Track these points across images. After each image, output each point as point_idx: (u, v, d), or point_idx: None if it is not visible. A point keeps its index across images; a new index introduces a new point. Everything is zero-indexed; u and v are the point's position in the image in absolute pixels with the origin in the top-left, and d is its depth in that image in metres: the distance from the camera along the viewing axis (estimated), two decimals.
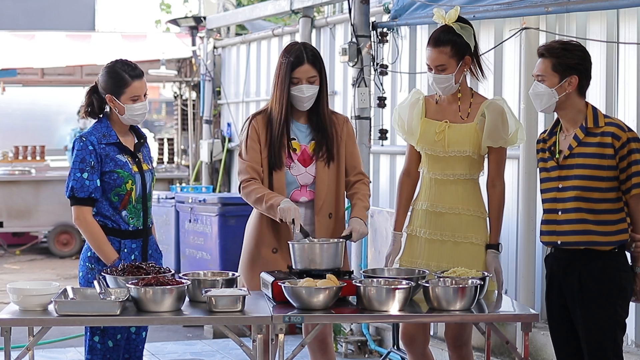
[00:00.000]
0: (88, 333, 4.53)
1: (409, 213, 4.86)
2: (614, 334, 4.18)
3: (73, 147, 4.57)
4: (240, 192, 4.72)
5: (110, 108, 4.60)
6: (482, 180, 4.78)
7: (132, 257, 4.56)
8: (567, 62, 4.20)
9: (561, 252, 4.30)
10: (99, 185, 4.49)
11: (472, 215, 4.68)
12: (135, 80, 4.54)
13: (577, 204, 4.21)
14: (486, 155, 4.73)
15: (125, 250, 4.55)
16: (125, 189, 4.53)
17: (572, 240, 4.23)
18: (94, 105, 4.61)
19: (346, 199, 4.88)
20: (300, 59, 4.65)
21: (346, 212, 4.93)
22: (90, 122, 4.78)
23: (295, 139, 4.74)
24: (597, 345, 4.16)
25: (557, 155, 4.29)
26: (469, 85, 4.78)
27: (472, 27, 4.69)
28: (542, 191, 4.39)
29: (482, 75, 4.75)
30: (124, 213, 4.55)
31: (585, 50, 4.30)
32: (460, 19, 4.66)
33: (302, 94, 4.66)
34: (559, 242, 4.28)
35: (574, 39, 5.07)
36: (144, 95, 4.58)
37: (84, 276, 4.55)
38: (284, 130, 4.69)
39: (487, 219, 4.74)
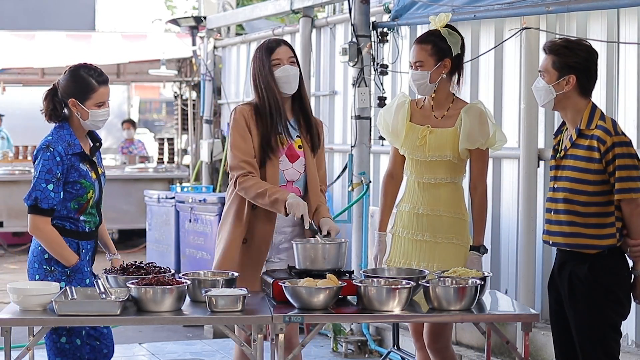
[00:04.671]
0: (54, 336, 4.43)
1: (393, 214, 4.90)
2: (603, 336, 4.12)
3: (37, 156, 4.44)
4: (236, 186, 4.64)
5: (70, 112, 4.52)
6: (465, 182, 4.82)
7: (87, 258, 4.54)
8: (566, 61, 4.16)
9: (557, 251, 4.30)
10: (61, 197, 4.44)
11: (454, 217, 4.73)
12: (102, 86, 4.48)
13: (565, 205, 4.17)
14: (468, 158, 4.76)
15: (83, 251, 4.52)
16: (86, 198, 4.49)
17: (561, 241, 4.22)
18: (56, 108, 4.51)
19: None
20: (275, 43, 4.69)
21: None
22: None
23: (281, 134, 4.69)
24: (587, 347, 4.13)
25: (558, 155, 4.28)
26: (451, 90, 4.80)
27: (461, 36, 4.77)
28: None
29: (459, 85, 4.78)
30: (81, 218, 4.52)
31: (590, 50, 4.21)
32: (449, 26, 4.75)
33: (287, 73, 4.63)
34: (550, 242, 4.28)
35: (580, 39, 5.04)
36: (108, 101, 4.52)
37: (42, 280, 4.42)
38: (279, 114, 4.63)
39: (469, 221, 4.78)
